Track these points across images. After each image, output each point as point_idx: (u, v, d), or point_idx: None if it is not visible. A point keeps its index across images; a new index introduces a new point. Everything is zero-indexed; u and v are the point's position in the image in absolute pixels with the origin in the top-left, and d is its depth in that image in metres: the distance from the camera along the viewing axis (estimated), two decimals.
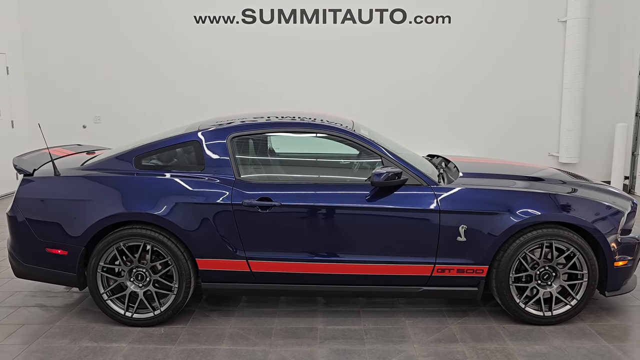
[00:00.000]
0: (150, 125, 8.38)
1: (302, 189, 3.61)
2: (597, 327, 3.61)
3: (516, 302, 3.58)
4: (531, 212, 3.49)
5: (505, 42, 8.39)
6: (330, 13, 8.39)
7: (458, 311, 3.88)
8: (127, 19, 8.43)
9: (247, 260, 3.58)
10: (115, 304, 3.63)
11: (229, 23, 8.44)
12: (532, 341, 3.42)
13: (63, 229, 3.55)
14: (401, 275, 3.60)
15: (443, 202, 3.53)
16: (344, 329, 3.61)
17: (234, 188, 3.57)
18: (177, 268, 3.56)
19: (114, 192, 3.57)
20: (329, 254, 3.59)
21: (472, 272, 3.56)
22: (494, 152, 8.36)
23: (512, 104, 8.53)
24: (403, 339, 3.47)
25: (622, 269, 3.62)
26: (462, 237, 3.51)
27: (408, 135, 8.07)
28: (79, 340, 3.45)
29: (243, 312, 3.88)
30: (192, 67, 8.53)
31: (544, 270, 3.58)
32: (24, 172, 3.71)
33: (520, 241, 3.50)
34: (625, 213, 3.70)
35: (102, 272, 3.58)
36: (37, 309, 3.96)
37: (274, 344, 3.40)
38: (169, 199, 3.54)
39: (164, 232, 3.54)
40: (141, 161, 3.74)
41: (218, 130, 3.79)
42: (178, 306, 3.62)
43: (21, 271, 3.76)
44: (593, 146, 8.58)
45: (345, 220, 3.56)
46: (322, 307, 3.96)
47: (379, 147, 3.73)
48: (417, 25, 8.38)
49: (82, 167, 3.80)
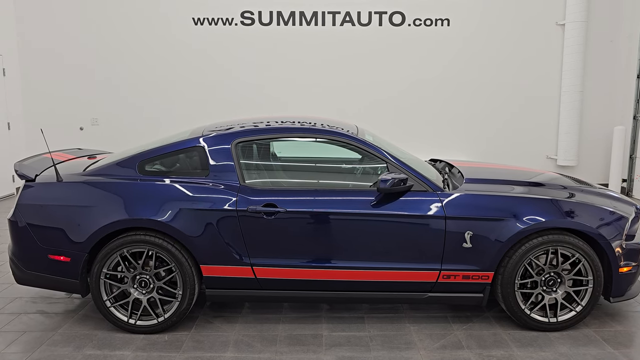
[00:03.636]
0: (148, 128, 8.34)
1: (307, 195, 3.59)
2: (602, 333, 3.61)
3: (521, 308, 3.58)
4: (537, 218, 3.49)
5: (503, 46, 8.40)
6: (329, 15, 8.37)
7: (463, 317, 3.87)
8: (125, 20, 8.37)
9: (252, 267, 3.55)
10: (118, 311, 3.60)
11: (227, 25, 8.40)
12: (538, 348, 3.41)
13: (66, 235, 3.52)
14: (406, 282, 3.59)
15: (449, 208, 3.52)
16: (349, 336, 3.59)
17: (238, 194, 3.54)
18: (181, 275, 3.53)
19: (117, 198, 3.54)
20: (334, 261, 3.57)
21: (478, 279, 3.56)
22: (491, 155, 8.36)
23: (511, 106, 8.54)
24: (409, 345, 3.45)
25: (626, 274, 3.62)
26: (467, 243, 3.50)
27: (408, 138, 8.07)
28: (82, 348, 3.41)
29: (247, 319, 3.85)
30: (190, 68, 8.48)
31: (549, 277, 3.58)
32: (25, 178, 3.67)
33: (526, 247, 3.50)
34: (629, 218, 3.71)
35: (105, 278, 3.55)
36: (38, 315, 3.92)
37: (279, 351, 3.37)
38: (172, 205, 3.51)
39: (168, 238, 3.51)
40: (144, 167, 3.71)
41: (222, 135, 3.76)
42: (182, 313, 3.59)
43: (22, 278, 3.72)
44: (591, 149, 8.61)
45: (350, 227, 3.54)
46: (326, 313, 3.94)
47: (384, 152, 3.72)
48: (416, 28, 8.38)
49: (85, 172, 3.76)
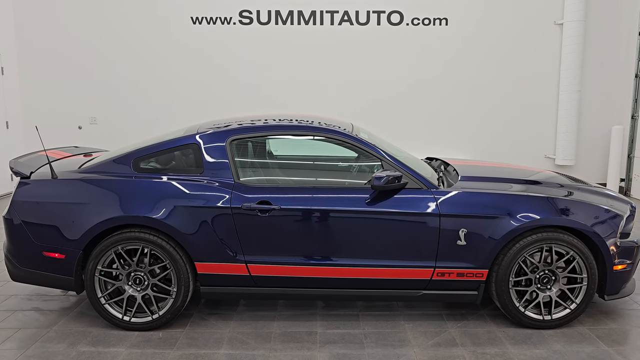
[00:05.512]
0: (146, 127, 8.33)
1: (302, 193, 3.59)
2: (596, 330, 3.61)
3: (516, 306, 3.58)
4: (531, 216, 3.49)
5: (501, 45, 8.39)
6: (328, 15, 8.37)
7: (457, 315, 3.87)
8: (124, 19, 8.37)
9: (247, 264, 3.56)
10: (113, 308, 3.60)
11: (225, 24, 8.40)
12: (532, 345, 3.42)
13: (60, 232, 3.52)
14: (401, 279, 3.59)
15: (443, 206, 3.52)
16: (344, 333, 3.59)
17: (233, 191, 3.55)
18: (176, 272, 3.53)
19: (112, 195, 3.54)
20: (328, 258, 3.57)
21: (472, 276, 3.56)
22: (490, 155, 8.36)
23: (509, 106, 8.53)
24: (403, 343, 3.46)
25: (621, 272, 3.63)
26: (462, 240, 3.50)
27: (406, 137, 8.07)
28: (76, 345, 3.41)
29: (242, 316, 3.86)
30: (188, 67, 8.48)
31: (543, 274, 3.58)
32: (20, 175, 3.67)
33: (520, 245, 3.50)
34: (624, 217, 3.71)
35: (99, 275, 3.55)
36: (33, 312, 3.92)
37: (273, 349, 3.38)
38: (167, 202, 3.51)
39: (163, 235, 3.52)
40: (139, 164, 3.71)
41: (217, 133, 3.77)
42: (176, 310, 3.59)
43: (17, 275, 3.73)
44: (589, 148, 8.60)
45: (345, 224, 3.55)
46: (321, 311, 3.94)
47: (378, 150, 3.72)
48: (414, 27, 8.37)
49: (80, 169, 3.77)
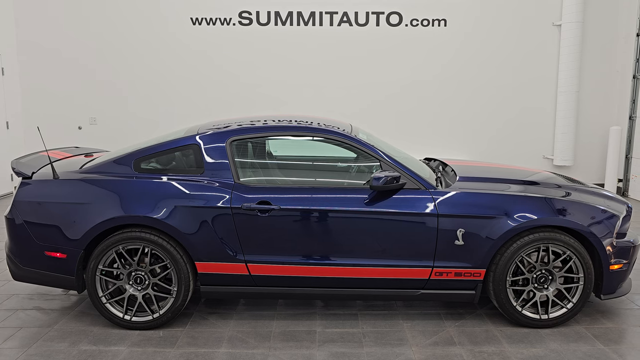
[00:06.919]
0: (146, 127, 8.37)
1: (301, 193, 3.62)
2: (593, 330, 3.65)
3: (513, 305, 3.61)
4: (528, 216, 3.52)
5: (500, 46, 8.43)
6: (327, 16, 8.41)
7: (455, 314, 3.90)
8: (124, 20, 8.40)
9: (247, 264, 3.59)
10: (114, 307, 3.63)
11: (225, 25, 8.43)
12: (529, 344, 3.45)
13: (62, 232, 3.55)
14: (399, 279, 3.62)
15: (441, 206, 3.56)
16: (343, 332, 3.62)
17: (233, 192, 3.58)
18: (176, 271, 3.57)
19: (113, 195, 3.58)
20: (327, 258, 3.61)
21: (470, 276, 3.59)
22: (489, 155, 8.40)
23: (507, 106, 8.57)
24: (401, 342, 3.49)
25: (617, 272, 3.66)
26: (460, 240, 3.54)
27: (406, 138, 8.12)
28: (77, 344, 3.45)
29: (241, 315, 3.89)
30: (188, 68, 8.51)
31: (540, 274, 3.62)
32: (22, 175, 3.70)
33: (518, 245, 3.53)
34: (620, 217, 3.74)
35: (101, 275, 3.58)
36: (34, 311, 3.95)
37: (272, 347, 3.41)
38: (168, 203, 3.55)
39: (163, 235, 3.55)
40: (140, 164, 3.74)
41: (217, 133, 3.80)
42: (177, 309, 3.62)
43: (19, 274, 3.76)
44: (587, 149, 8.64)
45: (344, 224, 3.58)
46: (321, 310, 3.98)
47: (377, 151, 3.75)
48: (413, 28, 8.41)
49: (81, 170, 3.80)
